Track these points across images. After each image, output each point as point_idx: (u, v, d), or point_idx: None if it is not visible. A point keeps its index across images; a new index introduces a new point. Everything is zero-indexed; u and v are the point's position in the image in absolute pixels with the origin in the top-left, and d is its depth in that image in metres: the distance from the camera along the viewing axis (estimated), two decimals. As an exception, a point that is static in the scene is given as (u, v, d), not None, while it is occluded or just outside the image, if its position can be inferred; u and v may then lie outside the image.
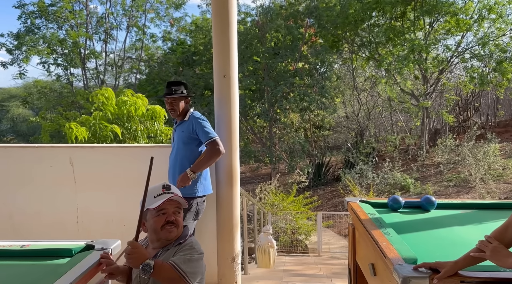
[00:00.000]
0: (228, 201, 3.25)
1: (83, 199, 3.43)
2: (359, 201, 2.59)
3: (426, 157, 16.30)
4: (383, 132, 19.79)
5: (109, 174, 3.41)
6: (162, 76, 18.51)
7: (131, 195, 3.35)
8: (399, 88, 16.31)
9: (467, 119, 19.34)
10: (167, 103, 3.05)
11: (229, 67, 3.14)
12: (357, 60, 18.03)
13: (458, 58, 16.15)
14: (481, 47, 15.03)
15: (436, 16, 15.77)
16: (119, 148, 3.46)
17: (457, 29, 15.24)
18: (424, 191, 12.71)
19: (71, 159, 3.39)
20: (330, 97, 16.06)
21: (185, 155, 2.99)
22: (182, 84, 3.07)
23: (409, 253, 1.60)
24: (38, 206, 3.46)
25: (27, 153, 3.49)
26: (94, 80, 18.77)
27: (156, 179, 3.35)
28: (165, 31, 20.23)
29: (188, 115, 3.04)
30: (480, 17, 15.06)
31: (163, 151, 3.36)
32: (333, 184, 17.29)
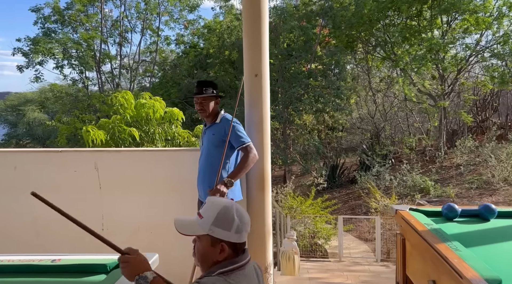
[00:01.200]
0: (259, 207, 3.09)
1: (108, 205, 3.32)
2: (409, 209, 2.40)
3: (444, 158, 15.94)
4: (399, 134, 19.43)
5: (135, 179, 3.30)
6: (176, 79, 18.48)
7: (158, 201, 3.27)
8: (417, 88, 15.99)
9: (485, 120, 18.92)
10: (197, 103, 2.92)
11: (260, 65, 2.99)
12: (373, 60, 17.75)
13: (477, 57, 15.78)
14: (501, 46, 14.66)
15: (454, 15, 15.44)
16: (146, 152, 3.33)
17: (476, 27, 14.89)
18: (445, 194, 12.40)
19: (96, 163, 3.28)
20: (345, 98, 15.82)
21: (217, 159, 2.84)
22: (213, 84, 2.95)
23: (490, 273, 1.41)
24: None
25: (50, 158, 3.39)
26: (109, 84, 18.83)
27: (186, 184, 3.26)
28: (178, 35, 20.26)
29: (220, 117, 2.91)
30: (500, 15, 14.69)
31: (192, 154, 3.24)
32: (348, 186, 17.01)
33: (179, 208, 3.25)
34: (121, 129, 7.82)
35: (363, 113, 19.33)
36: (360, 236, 10.54)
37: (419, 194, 12.43)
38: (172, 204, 3.25)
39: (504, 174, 12.04)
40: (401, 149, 18.31)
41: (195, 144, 8.07)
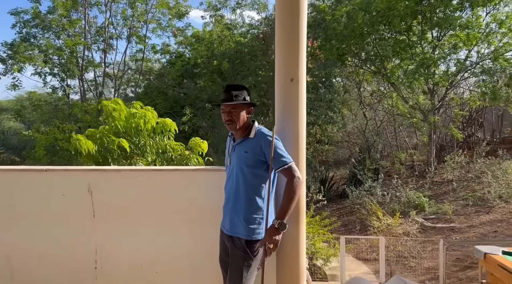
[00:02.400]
0: (292, 243, 2.54)
1: (104, 237, 2.72)
2: (502, 252, 1.88)
3: (435, 173, 15.73)
4: (388, 148, 19.23)
5: (138, 204, 2.71)
6: (162, 89, 17.81)
7: (166, 232, 2.66)
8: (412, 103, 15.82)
9: (471, 135, 18.92)
10: (225, 112, 2.38)
11: (297, 69, 2.49)
12: (364, 74, 17.58)
13: (467, 73, 15.75)
14: (491, 62, 14.66)
15: (446, 30, 15.42)
16: (151, 172, 2.75)
17: (467, 42, 14.87)
18: (441, 211, 12.09)
19: (90, 185, 2.68)
20: (338, 111, 15.49)
21: (251, 184, 2.31)
22: (245, 89, 2.40)
23: None
24: (44, 246, 2.75)
25: (32, 178, 2.77)
26: (91, 92, 17.98)
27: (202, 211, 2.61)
28: (164, 44, 19.67)
29: (254, 131, 2.37)
30: (490, 31, 14.73)
31: (209, 175, 2.68)
32: (338, 201, 16.58)
33: (193, 240, 2.68)
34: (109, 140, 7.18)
35: (351, 127, 19.06)
36: (358, 255, 10.04)
37: (414, 210, 12.07)
38: (184, 236, 2.68)
39: (499, 190, 11.82)
40: (391, 163, 18.08)
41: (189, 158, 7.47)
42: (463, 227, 10.72)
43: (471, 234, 10.12)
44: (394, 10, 14.83)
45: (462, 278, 8.14)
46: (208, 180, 2.66)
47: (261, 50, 16.02)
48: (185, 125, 15.32)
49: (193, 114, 16.20)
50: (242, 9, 18.19)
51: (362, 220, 12.90)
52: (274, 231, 2.21)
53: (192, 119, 16.09)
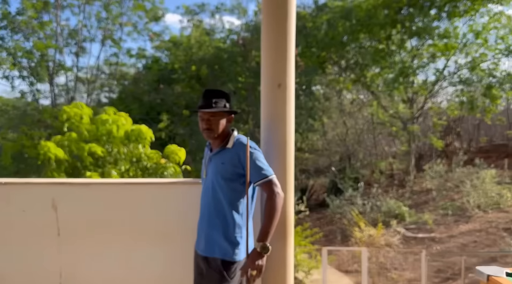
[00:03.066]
0: (280, 262, 2.27)
1: (69, 258, 2.42)
2: (506, 274, 1.67)
3: (414, 182, 15.80)
4: (368, 157, 19.26)
5: (108, 221, 2.44)
6: (138, 94, 17.33)
7: (140, 253, 2.35)
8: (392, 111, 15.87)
9: (449, 145, 19.19)
10: (203, 120, 2.12)
11: (285, 74, 2.23)
12: (344, 82, 17.60)
13: (446, 82, 15.97)
14: (469, 72, 14.90)
15: (424, 40, 15.61)
16: (123, 185, 2.47)
17: (445, 52, 15.08)
18: (421, 220, 12.05)
19: (54, 200, 2.36)
20: (318, 119, 15.39)
21: (229, 198, 2.07)
22: (225, 96, 2.14)
23: None
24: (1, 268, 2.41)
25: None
26: (63, 97, 17.31)
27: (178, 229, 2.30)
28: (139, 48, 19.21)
29: (233, 141, 2.12)
30: (467, 42, 14.99)
31: (186, 189, 2.40)
32: (318, 210, 16.43)
33: (169, 261, 2.41)
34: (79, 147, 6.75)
35: (332, 135, 19.00)
36: (339, 267, 9.83)
37: (394, 219, 11.98)
38: (159, 256, 2.40)
39: (478, 200, 11.89)
40: (370, 172, 18.10)
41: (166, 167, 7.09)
42: (444, 237, 10.68)
43: (452, 244, 10.07)
44: (374, 18, 14.92)
45: (444, 290, 8.02)
46: (186, 194, 2.38)
47: (241, 56, 15.81)
48: (162, 132, 14.90)
49: (170, 121, 15.79)
50: (221, 14, 18.02)
51: (343, 230, 12.74)
52: (256, 256, 1.95)
53: (169, 126, 15.68)
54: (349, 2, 16.03)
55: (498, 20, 14.50)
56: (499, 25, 14.61)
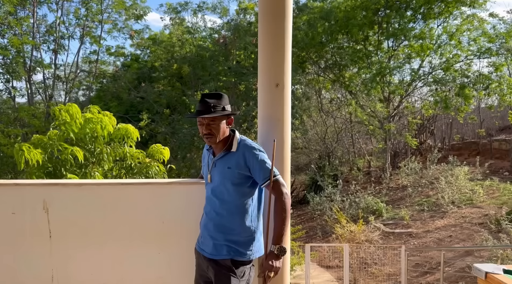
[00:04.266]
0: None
1: (61, 261, 2.38)
2: (504, 271, 1.79)
3: (390, 179, 16.18)
4: (346, 155, 19.61)
5: (102, 223, 2.39)
6: (117, 92, 17.09)
7: (134, 253, 2.35)
8: (369, 110, 16.20)
9: (423, 142, 19.74)
10: (202, 125, 2.09)
11: (282, 74, 2.30)
12: (323, 82, 17.86)
13: (421, 82, 16.41)
14: (443, 72, 15.36)
15: (400, 41, 16.00)
16: (117, 186, 2.44)
17: (420, 53, 15.50)
18: (398, 216, 12.40)
19: (45, 202, 2.33)
20: (300, 118, 15.56)
21: (237, 202, 2.08)
22: (223, 98, 2.13)
23: None
24: None
25: (-25, 194, 2.37)
26: (40, 95, 16.86)
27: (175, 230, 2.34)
28: (118, 46, 18.94)
29: (236, 144, 2.12)
30: (441, 43, 15.46)
31: (183, 189, 2.42)
32: (299, 207, 16.65)
33: (165, 263, 2.40)
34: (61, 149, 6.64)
35: (311, 133, 19.26)
36: (320, 262, 10.02)
37: (372, 215, 12.28)
38: (155, 259, 2.39)
39: (452, 196, 12.29)
40: (348, 169, 18.44)
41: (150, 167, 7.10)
42: (420, 232, 11.02)
43: (428, 239, 10.41)
44: (352, 19, 15.19)
45: (422, 283, 8.31)
46: (184, 195, 2.39)
47: (223, 55, 15.81)
48: (142, 131, 14.77)
49: (151, 120, 15.67)
50: (203, 12, 17.95)
51: (323, 226, 12.97)
52: (274, 258, 1.99)
53: (150, 124, 15.56)
54: (328, 3, 16.26)
55: (471, 23, 15.02)
56: (472, 27, 15.15)
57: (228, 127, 2.16)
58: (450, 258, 8.76)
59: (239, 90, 15.49)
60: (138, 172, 7.35)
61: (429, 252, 9.51)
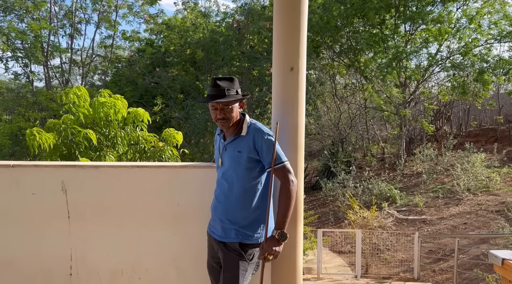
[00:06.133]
0: (290, 243, 2.35)
1: (79, 241, 2.44)
2: (520, 257, 1.76)
3: (404, 166, 16.03)
4: (359, 141, 19.46)
5: (119, 204, 2.44)
6: (132, 77, 17.17)
7: (150, 234, 2.41)
8: (385, 95, 15.97)
9: (439, 129, 19.44)
10: (215, 110, 2.08)
11: (297, 57, 2.28)
12: (338, 67, 17.63)
13: (438, 67, 16.07)
14: (461, 57, 15.01)
15: (418, 25, 15.64)
16: (134, 168, 2.47)
17: (438, 37, 15.14)
18: (412, 203, 12.32)
19: (64, 183, 2.39)
20: (313, 104, 15.45)
21: (246, 186, 2.08)
22: (234, 81, 2.11)
23: None
24: (12, 251, 2.44)
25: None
26: (57, 80, 17.06)
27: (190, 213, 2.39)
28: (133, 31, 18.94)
29: (246, 128, 2.10)
30: (460, 27, 15.06)
31: (199, 172, 2.44)
32: (311, 193, 16.68)
33: (179, 244, 2.45)
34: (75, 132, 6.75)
35: (325, 119, 19.13)
36: (332, 248, 10.07)
37: (385, 202, 12.24)
38: (170, 239, 2.44)
39: (468, 183, 12.13)
40: (362, 156, 18.33)
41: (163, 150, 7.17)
42: (434, 219, 10.95)
43: (442, 226, 10.34)
44: (369, 2, 14.87)
45: (435, 270, 8.29)
46: (198, 178, 2.42)
47: (237, 40, 15.70)
48: (157, 116, 14.88)
49: (165, 105, 15.74)
50: (217, -4, 17.78)
51: (335, 212, 12.99)
52: (275, 242, 2.00)
53: (164, 109, 15.64)
54: (344, -15, 15.94)
55: (492, 5, 14.57)
56: (492, 10, 14.70)
57: (240, 111, 2.16)
58: (464, 246, 8.70)
59: (252, 76, 15.41)
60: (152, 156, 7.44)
61: (443, 239, 9.46)
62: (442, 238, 9.50)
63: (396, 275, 8.11)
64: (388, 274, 8.16)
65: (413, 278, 7.85)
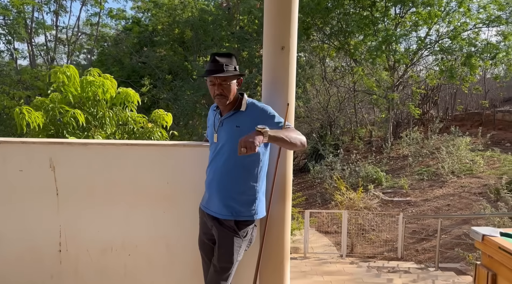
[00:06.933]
0: (278, 222, 2.42)
1: (68, 218, 2.45)
2: (500, 233, 1.83)
3: (391, 149, 16.24)
4: (348, 124, 19.60)
5: (107, 182, 2.44)
6: (120, 56, 16.87)
7: (140, 212, 2.43)
8: (374, 79, 16.02)
9: (426, 113, 19.65)
10: (213, 85, 2.07)
11: (288, 36, 2.28)
12: (328, 49, 17.57)
13: (427, 51, 16.14)
14: (450, 41, 15.08)
15: (408, 7, 15.61)
16: (123, 146, 2.46)
17: (428, 20, 15.16)
18: (397, 185, 12.54)
19: (52, 160, 2.38)
20: (302, 86, 15.43)
21: (243, 162, 2.09)
22: (233, 57, 2.11)
23: None
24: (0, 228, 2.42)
25: (-18, 152, 2.41)
26: (42, 58, 16.66)
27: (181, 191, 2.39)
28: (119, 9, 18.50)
29: (245, 104, 2.12)
30: (450, 10, 15.09)
31: (190, 151, 2.44)
32: (299, 175, 16.82)
33: (170, 221, 2.47)
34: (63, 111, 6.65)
35: (314, 102, 19.16)
36: (319, 228, 10.24)
37: (372, 184, 12.43)
38: (160, 217, 2.46)
39: (452, 166, 12.38)
40: (349, 139, 18.49)
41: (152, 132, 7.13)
42: (418, 201, 11.18)
43: (426, 208, 10.58)
44: (360, -16, 14.78)
45: (418, 249, 8.52)
46: (188, 157, 2.42)
47: (226, 20, 15.48)
48: (144, 97, 14.70)
49: (153, 86, 15.55)
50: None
51: (322, 194, 13.16)
52: (254, 133, 1.84)
53: (152, 90, 15.46)
54: (335, -34, 15.76)
55: (481, -11, 14.61)
56: (482, -6, 14.75)
57: (238, 88, 2.16)
58: (447, 226, 8.94)
59: (242, 57, 15.27)
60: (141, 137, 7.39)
61: (426, 220, 9.70)
62: (425, 219, 9.73)
63: (380, 254, 8.31)
64: (373, 254, 8.36)
65: (396, 257, 8.07)
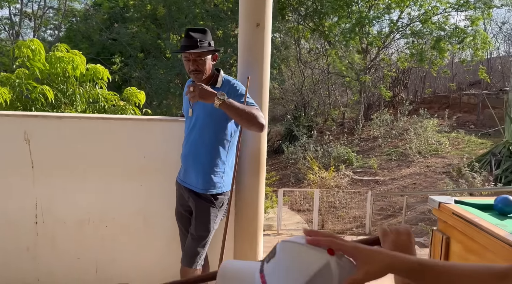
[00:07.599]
0: (252, 196, 2.51)
1: (44, 190, 2.46)
2: (454, 201, 2.00)
3: (362, 130, 16.64)
4: (322, 106, 19.86)
5: (83, 155, 2.46)
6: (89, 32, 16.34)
7: (117, 185, 2.48)
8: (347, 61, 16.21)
9: (396, 95, 20.15)
10: (189, 60, 2.10)
11: (263, 13, 2.33)
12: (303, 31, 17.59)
13: (399, 34, 16.44)
14: (421, 24, 15.41)
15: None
16: (98, 121, 2.48)
17: (400, 3, 15.39)
18: (367, 165, 12.94)
19: (26, 133, 2.37)
20: (277, 67, 15.46)
21: (217, 136, 2.16)
22: (207, 33, 2.15)
23: None
24: None
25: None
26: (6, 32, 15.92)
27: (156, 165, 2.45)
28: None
29: (221, 80, 2.17)
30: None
31: (164, 126, 2.49)
32: (273, 156, 17.03)
33: (146, 194, 2.52)
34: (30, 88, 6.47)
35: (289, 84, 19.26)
36: (292, 206, 10.49)
37: (343, 164, 12.77)
38: (138, 191, 2.51)
39: (419, 147, 12.85)
40: (323, 120, 18.79)
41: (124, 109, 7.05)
42: (387, 179, 11.61)
43: (394, 186, 11.02)
44: (335, -35, 14.78)
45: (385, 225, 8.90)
46: (164, 131, 2.47)
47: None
48: (115, 75, 14.37)
49: (124, 63, 15.20)
50: None
51: (296, 174, 13.43)
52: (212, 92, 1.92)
53: (123, 68, 15.12)
54: None
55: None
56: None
57: (213, 64, 2.20)
58: (412, 203, 9.36)
59: (217, 36, 15.10)
60: (112, 115, 7.27)
61: (393, 198, 10.11)
62: (392, 197, 10.14)
63: (349, 230, 8.65)
64: (342, 230, 8.69)
65: (364, 233, 8.42)
